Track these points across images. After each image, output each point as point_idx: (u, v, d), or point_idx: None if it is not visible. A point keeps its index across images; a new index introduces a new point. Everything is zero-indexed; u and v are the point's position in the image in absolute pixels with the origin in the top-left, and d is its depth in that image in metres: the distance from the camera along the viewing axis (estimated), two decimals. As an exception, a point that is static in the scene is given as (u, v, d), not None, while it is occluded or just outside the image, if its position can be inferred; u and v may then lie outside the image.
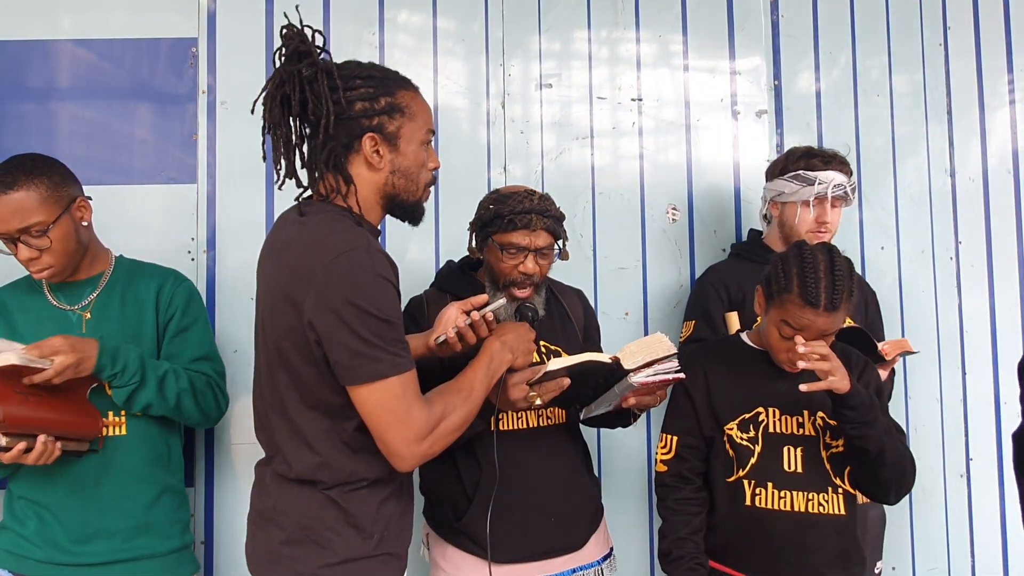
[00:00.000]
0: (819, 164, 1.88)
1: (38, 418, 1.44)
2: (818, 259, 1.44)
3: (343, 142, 1.27)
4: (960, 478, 2.37)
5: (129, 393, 1.55)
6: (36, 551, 1.57)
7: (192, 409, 1.65)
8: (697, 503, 1.58)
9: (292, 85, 1.24)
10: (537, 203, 1.61)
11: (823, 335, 1.44)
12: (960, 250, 2.42)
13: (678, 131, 2.28)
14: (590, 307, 1.88)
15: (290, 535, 1.28)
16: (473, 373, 1.34)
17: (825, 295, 1.40)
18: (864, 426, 1.42)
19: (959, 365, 2.39)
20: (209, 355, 1.74)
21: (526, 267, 1.60)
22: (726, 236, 2.27)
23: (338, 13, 2.16)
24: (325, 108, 1.23)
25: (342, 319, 1.17)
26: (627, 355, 1.44)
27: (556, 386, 1.45)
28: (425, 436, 1.23)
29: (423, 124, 1.33)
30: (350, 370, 1.19)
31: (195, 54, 2.10)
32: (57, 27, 2.09)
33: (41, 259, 1.54)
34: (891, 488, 1.50)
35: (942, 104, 2.45)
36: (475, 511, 1.59)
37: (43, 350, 1.43)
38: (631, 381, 1.42)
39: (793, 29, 2.36)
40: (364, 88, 1.26)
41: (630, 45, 2.28)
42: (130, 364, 1.54)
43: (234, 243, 2.08)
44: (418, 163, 1.32)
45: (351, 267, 1.17)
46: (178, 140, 2.09)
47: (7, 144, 2.03)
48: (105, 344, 1.52)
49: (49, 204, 1.52)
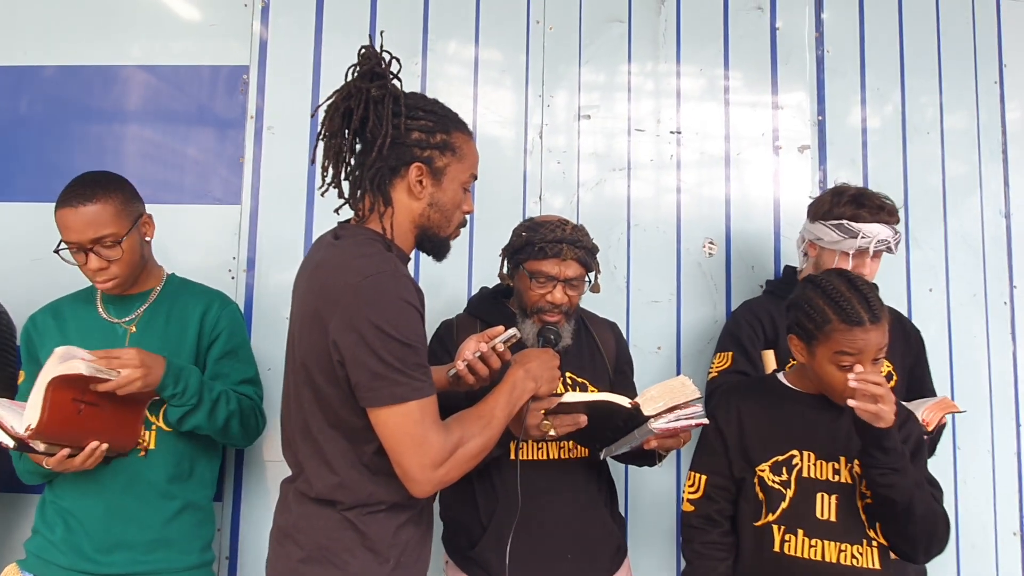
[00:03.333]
0: (866, 216, 1.78)
1: (80, 430, 1.46)
2: (836, 284, 1.42)
3: (391, 165, 1.31)
4: (1013, 536, 2.23)
5: (183, 413, 1.60)
6: (61, 557, 1.61)
7: (238, 431, 1.70)
8: (724, 548, 1.52)
9: (358, 100, 1.30)
10: (569, 233, 1.61)
11: (879, 352, 1.39)
12: (1015, 295, 2.31)
13: (718, 165, 2.26)
14: (623, 340, 1.85)
15: (308, 554, 1.28)
16: (495, 400, 1.33)
17: (864, 310, 1.37)
18: (893, 473, 1.36)
19: (1013, 416, 2.26)
20: (254, 379, 1.80)
21: (554, 296, 1.60)
22: (763, 272, 2.22)
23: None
24: (385, 129, 1.29)
25: (365, 341, 1.18)
26: (648, 400, 1.41)
27: (572, 420, 1.43)
28: (440, 463, 1.22)
29: (468, 168, 1.38)
30: (370, 392, 1.20)
31: (246, 81, 2.19)
32: (125, 53, 2.22)
33: (109, 269, 1.61)
34: (919, 545, 1.42)
35: (997, 143, 2.36)
36: (488, 540, 1.58)
37: (112, 362, 1.47)
38: (651, 427, 1.40)
39: (838, 64, 2.32)
40: (424, 120, 1.32)
41: (671, 78, 2.28)
42: (191, 385, 1.58)
43: (273, 263, 2.14)
44: (455, 203, 1.36)
45: (377, 290, 1.20)
46: (226, 163, 2.18)
47: (76, 163, 2.15)
48: (171, 363, 1.56)
49: (122, 218, 1.61)
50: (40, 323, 1.73)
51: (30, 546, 1.66)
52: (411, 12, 2.24)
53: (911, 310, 2.25)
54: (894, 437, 1.36)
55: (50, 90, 2.20)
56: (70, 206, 1.57)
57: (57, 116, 2.19)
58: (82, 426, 1.46)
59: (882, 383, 1.34)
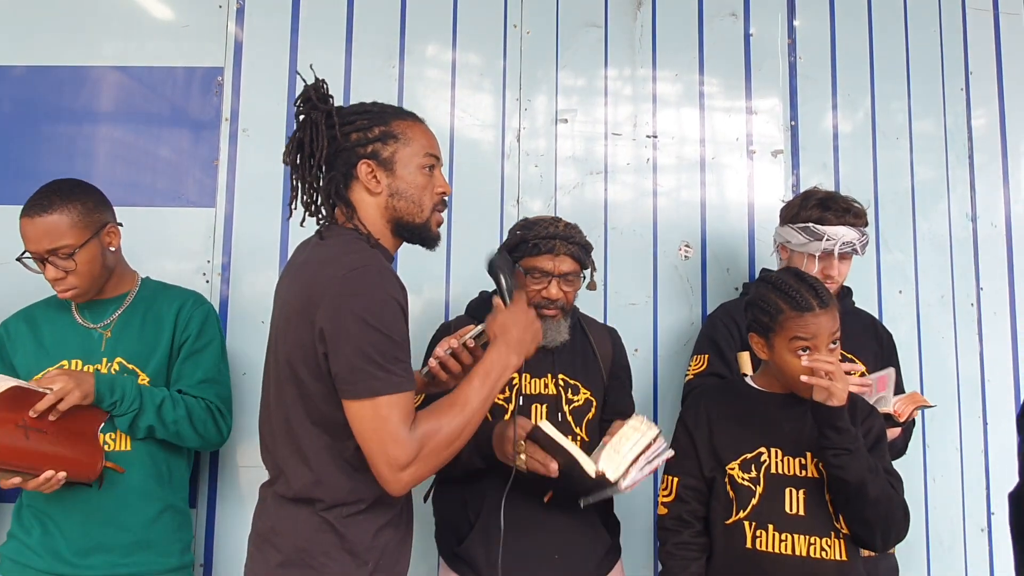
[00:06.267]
0: (831, 219, 1.82)
1: (31, 452, 1.45)
2: (785, 277, 1.51)
3: (342, 171, 1.36)
4: (981, 532, 2.28)
5: (131, 420, 1.60)
6: (38, 560, 1.60)
7: (191, 435, 1.68)
8: (696, 548, 1.54)
9: (304, 130, 1.35)
10: (562, 229, 1.65)
11: (832, 336, 1.46)
12: (982, 296, 2.36)
13: (693, 169, 2.28)
14: (621, 347, 1.85)
15: (286, 557, 1.28)
16: (468, 384, 1.31)
17: (812, 296, 1.46)
18: (846, 453, 1.40)
19: (980, 414, 2.32)
20: (216, 379, 1.76)
21: (550, 292, 1.62)
22: (739, 275, 2.25)
23: (360, 46, 2.22)
24: (320, 143, 1.33)
25: (348, 331, 1.20)
26: (610, 461, 1.41)
27: (543, 460, 1.45)
28: (406, 463, 1.21)
29: (420, 149, 1.38)
30: (347, 384, 1.22)
31: (220, 83, 2.17)
32: (97, 53, 2.18)
33: (66, 280, 1.60)
34: (876, 530, 1.45)
35: (964, 148, 2.42)
36: (476, 537, 1.59)
37: (42, 383, 1.49)
38: (622, 488, 1.42)
39: (810, 71, 2.36)
40: (360, 121, 1.36)
41: (648, 83, 2.30)
42: (128, 392, 1.59)
43: (248, 267, 2.12)
44: (417, 185, 1.37)
45: (362, 282, 1.22)
46: (200, 165, 2.15)
47: (45, 164, 2.11)
48: (100, 375, 1.58)
49: (79, 229, 1.59)
50: (13, 329, 1.72)
51: (5, 550, 1.65)
52: (388, 15, 2.24)
53: (882, 311, 2.30)
54: (846, 418, 1.42)
55: (20, 90, 2.16)
56: (27, 216, 1.58)
57: (27, 117, 2.15)
58: (33, 451, 1.45)
59: (834, 362, 1.42)
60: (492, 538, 1.52)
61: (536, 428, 1.43)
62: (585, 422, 1.69)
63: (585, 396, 1.70)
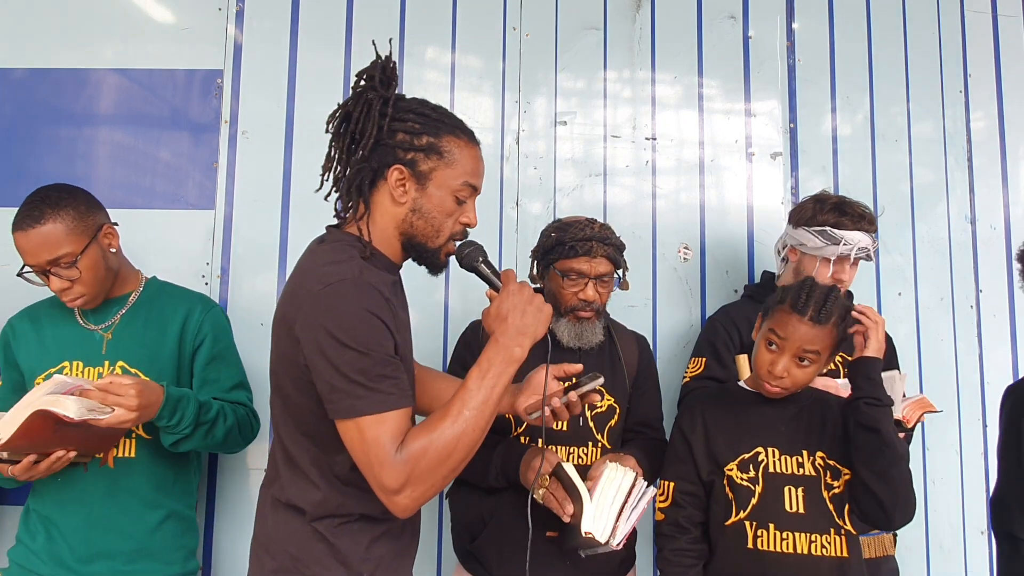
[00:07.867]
0: (848, 224, 1.83)
1: (52, 445, 1.44)
2: (814, 282, 1.52)
3: (373, 167, 1.28)
4: (981, 535, 2.28)
5: (177, 440, 1.57)
6: (42, 566, 1.59)
7: (237, 442, 1.69)
8: (693, 554, 1.54)
9: (356, 106, 1.28)
10: (598, 231, 1.64)
11: (803, 348, 1.47)
12: (981, 299, 2.37)
13: (692, 171, 2.29)
14: (649, 355, 1.84)
15: (280, 564, 1.27)
16: (463, 391, 1.20)
17: (813, 307, 1.46)
18: (878, 404, 1.44)
19: (980, 417, 2.32)
20: (243, 382, 1.78)
21: (586, 294, 1.63)
22: (738, 277, 2.25)
23: (359, 46, 2.22)
24: (369, 130, 1.26)
25: (322, 351, 1.15)
26: (596, 522, 1.41)
27: (562, 499, 1.46)
28: (398, 488, 1.14)
29: (461, 174, 1.29)
30: (329, 404, 1.17)
31: (220, 85, 2.18)
32: (97, 56, 2.18)
33: (73, 288, 1.57)
34: (899, 491, 1.44)
35: (963, 151, 2.42)
36: (488, 535, 1.59)
37: (108, 397, 1.41)
38: (613, 545, 1.42)
39: (809, 73, 2.37)
40: (412, 122, 1.27)
41: (647, 85, 2.30)
42: (187, 416, 1.55)
43: (247, 269, 2.12)
44: (443, 210, 1.29)
45: (335, 299, 1.16)
46: (200, 167, 2.15)
47: (45, 167, 2.11)
48: (170, 394, 1.52)
49: (76, 234, 1.55)
50: (18, 328, 1.70)
51: (13, 555, 1.65)
52: (387, 17, 2.24)
53: (881, 313, 2.28)
54: (880, 372, 1.47)
55: (20, 93, 2.16)
56: (20, 229, 1.53)
57: (27, 119, 2.15)
58: (55, 442, 1.44)
59: (876, 316, 1.50)
60: (505, 538, 1.51)
61: (559, 466, 1.43)
62: (607, 429, 1.68)
63: (609, 403, 1.70)
